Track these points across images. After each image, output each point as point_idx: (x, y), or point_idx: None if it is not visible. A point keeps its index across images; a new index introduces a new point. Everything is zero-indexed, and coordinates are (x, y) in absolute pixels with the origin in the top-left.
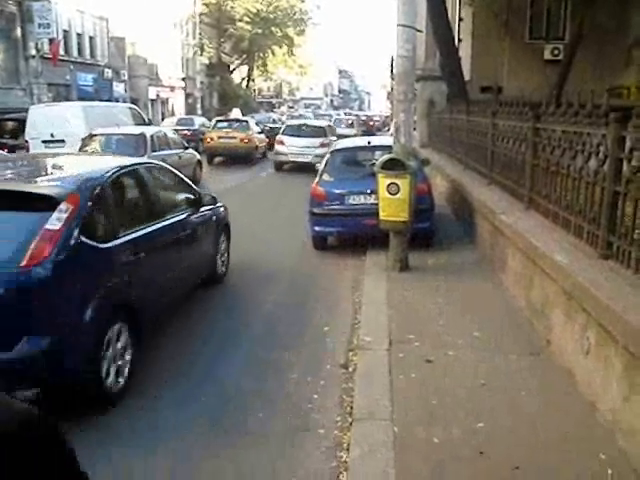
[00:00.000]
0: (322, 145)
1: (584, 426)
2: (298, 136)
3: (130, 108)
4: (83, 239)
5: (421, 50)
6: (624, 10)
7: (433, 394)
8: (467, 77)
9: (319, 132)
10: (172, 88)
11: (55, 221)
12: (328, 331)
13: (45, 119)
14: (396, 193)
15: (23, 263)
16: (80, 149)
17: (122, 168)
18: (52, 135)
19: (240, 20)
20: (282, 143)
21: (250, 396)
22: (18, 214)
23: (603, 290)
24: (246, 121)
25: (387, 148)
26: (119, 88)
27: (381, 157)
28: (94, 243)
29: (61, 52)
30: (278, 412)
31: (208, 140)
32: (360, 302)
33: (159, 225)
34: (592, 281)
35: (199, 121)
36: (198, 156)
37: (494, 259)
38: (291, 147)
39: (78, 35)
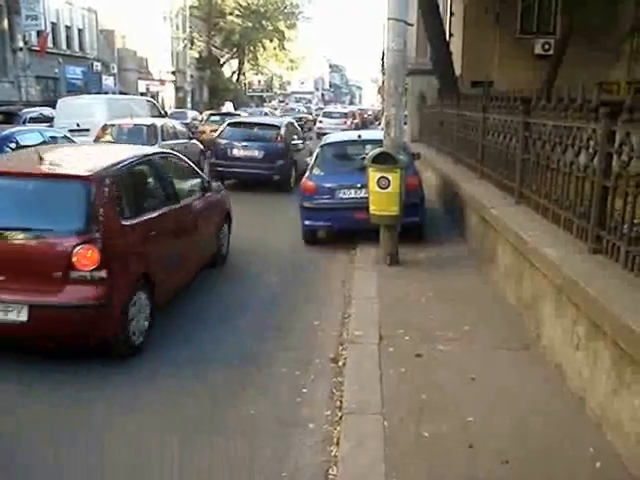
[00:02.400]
0: (344, 123)
1: (573, 420)
2: (330, 117)
3: (148, 101)
4: (286, 141)
5: (412, 44)
6: (614, 6)
7: (423, 388)
8: (458, 71)
9: (343, 115)
10: (162, 82)
11: (279, 136)
12: (318, 325)
13: (72, 110)
14: (386, 187)
15: (277, 140)
16: (97, 137)
17: (289, 121)
18: (78, 125)
19: (230, 14)
20: (321, 122)
21: (239, 389)
22: (268, 131)
23: (593, 284)
24: (238, 115)
25: (378, 142)
26: (108, 81)
27: (371, 151)
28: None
29: (49, 44)
30: (268, 406)
31: (201, 133)
32: (350, 296)
33: (296, 141)
34: (582, 275)
35: (191, 115)
36: (201, 146)
37: (484, 253)
38: (326, 124)
39: (67, 27)
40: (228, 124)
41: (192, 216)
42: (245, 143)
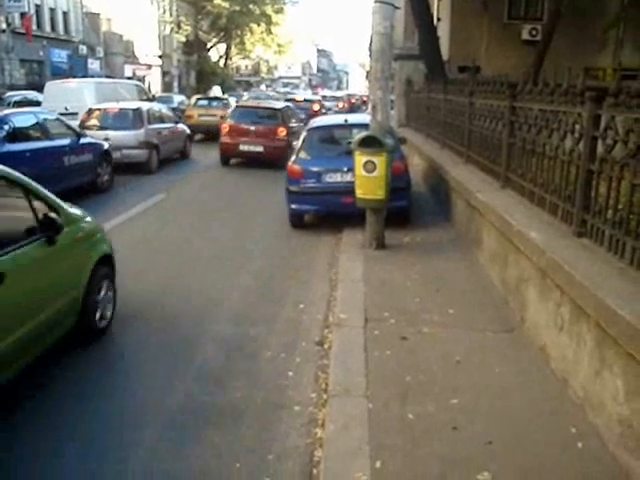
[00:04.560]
0: (337, 106)
1: (556, 401)
2: (326, 101)
3: (136, 85)
4: (319, 109)
5: (400, 29)
6: None
7: (408, 371)
8: (445, 56)
9: (336, 99)
10: (149, 66)
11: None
12: (304, 308)
13: (60, 94)
14: (372, 171)
15: (314, 111)
16: (83, 121)
17: (319, 98)
18: (66, 108)
19: None
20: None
21: (225, 373)
22: (309, 103)
23: (577, 267)
24: (226, 99)
25: (364, 126)
26: (94, 65)
27: (358, 135)
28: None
29: (33, 27)
30: (253, 389)
31: (189, 117)
32: (336, 279)
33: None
34: (566, 259)
35: (178, 99)
36: (188, 130)
37: (470, 237)
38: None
39: (51, 10)
40: (285, 99)
41: (296, 129)
42: (297, 110)
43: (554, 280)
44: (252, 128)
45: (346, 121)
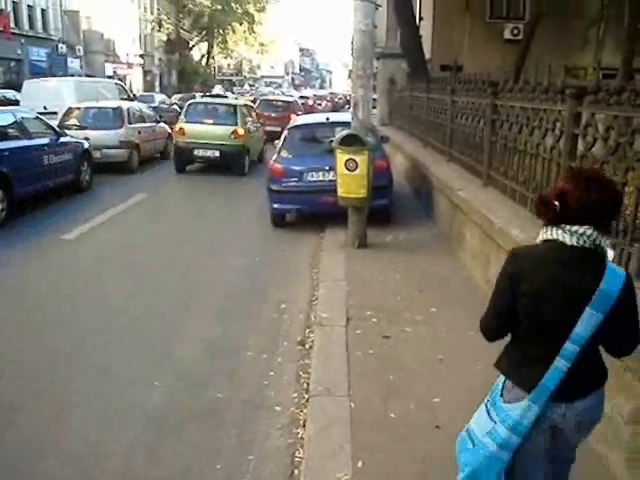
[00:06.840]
0: (321, 104)
1: None
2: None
3: (116, 84)
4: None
5: (382, 28)
6: None
7: (390, 370)
8: (428, 55)
9: (321, 98)
10: (130, 65)
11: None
12: (285, 308)
13: (39, 93)
14: (354, 169)
15: (309, 105)
16: (62, 121)
17: (314, 95)
18: (45, 108)
19: None
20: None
21: (206, 373)
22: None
23: None
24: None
25: (346, 124)
26: (74, 64)
27: (339, 133)
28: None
29: (11, 25)
30: (234, 389)
31: None
32: (318, 278)
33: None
34: None
35: (159, 98)
36: (169, 130)
37: (452, 236)
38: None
39: (29, 7)
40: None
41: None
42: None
43: None
44: (272, 114)
45: (328, 119)
